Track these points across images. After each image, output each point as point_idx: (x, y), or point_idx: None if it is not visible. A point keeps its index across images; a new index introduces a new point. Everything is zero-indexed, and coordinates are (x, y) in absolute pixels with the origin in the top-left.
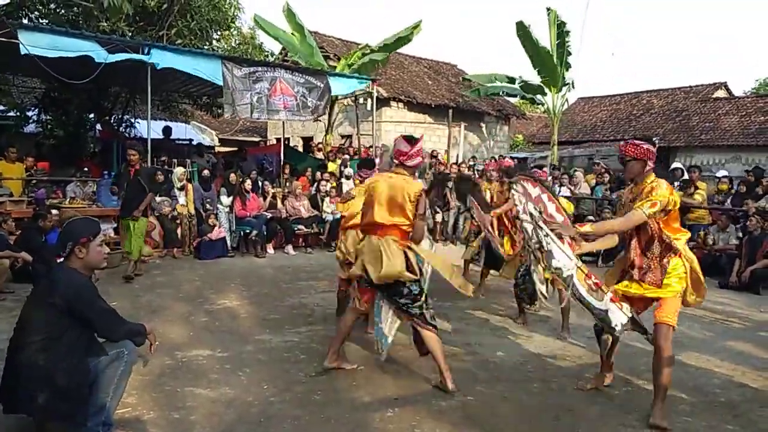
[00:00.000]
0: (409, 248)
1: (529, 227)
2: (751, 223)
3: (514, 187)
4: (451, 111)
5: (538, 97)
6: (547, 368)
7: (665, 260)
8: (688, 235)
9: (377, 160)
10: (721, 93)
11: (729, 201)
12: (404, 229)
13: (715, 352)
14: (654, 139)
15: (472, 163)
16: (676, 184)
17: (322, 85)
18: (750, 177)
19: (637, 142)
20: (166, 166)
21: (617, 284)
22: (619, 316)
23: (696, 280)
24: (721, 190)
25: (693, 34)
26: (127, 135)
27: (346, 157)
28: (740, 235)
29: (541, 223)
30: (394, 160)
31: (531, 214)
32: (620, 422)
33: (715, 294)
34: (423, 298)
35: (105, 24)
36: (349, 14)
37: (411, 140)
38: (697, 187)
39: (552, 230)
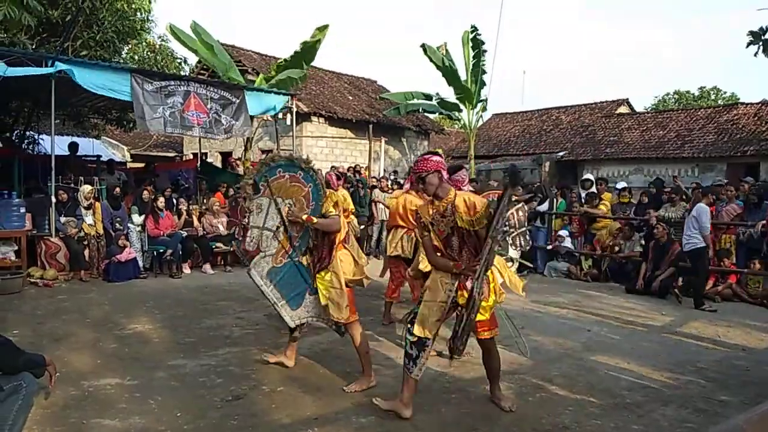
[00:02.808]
0: None
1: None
2: (658, 231)
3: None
4: (371, 126)
5: (455, 113)
6: (466, 378)
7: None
8: None
9: None
10: (623, 109)
11: (632, 211)
12: None
13: (622, 354)
14: (562, 153)
15: (393, 177)
16: (583, 194)
17: (237, 101)
18: (651, 188)
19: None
20: (71, 184)
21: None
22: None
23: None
24: (622, 201)
25: (597, 53)
26: (30, 152)
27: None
28: (643, 242)
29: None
30: None
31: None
32: (533, 427)
33: (621, 299)
34: None
35: (4, 35)
36: (271, 29)
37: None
38: (602, 199)
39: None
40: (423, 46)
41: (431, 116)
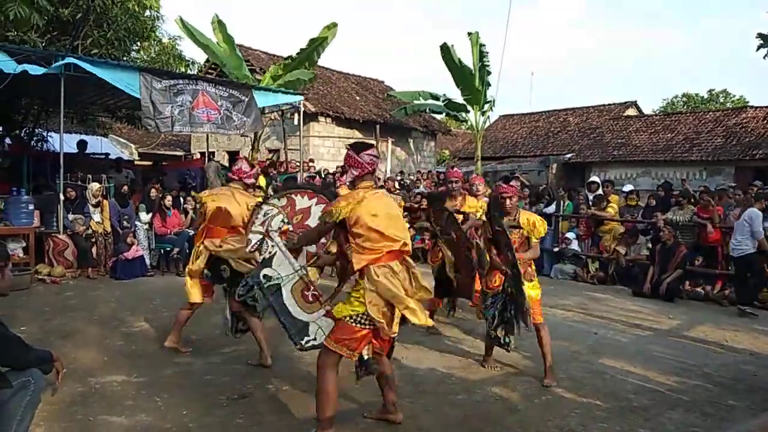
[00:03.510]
0: None
1: (255, 238)
2: (665, 234)
3: (269, 201)
4: (378, 126)
5: (462, 114)
6: (471, 379)
7: (352, 278)
8: (374, 256)
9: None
10: (631, 111)
11: (640, 214)
12: None
13: (628, 358)
14: (569, 155)
15: (399, 177)
16: (590, 196)
17: (246, 99)
18: (659, 191)
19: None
20: (80, 182)
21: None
22: (321, 333)
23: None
24: (630, 204)
25: (605, 55)
26: (39, 149)
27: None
28: (650, 246)
29: (272, 236)
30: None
31: (267, 229)
32: (539, 430)
33: (628, 302)
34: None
35: (14, 33)
36: (276, 29)
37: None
38: (609, 201)
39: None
40: (443, 46)
41: (438, 117)
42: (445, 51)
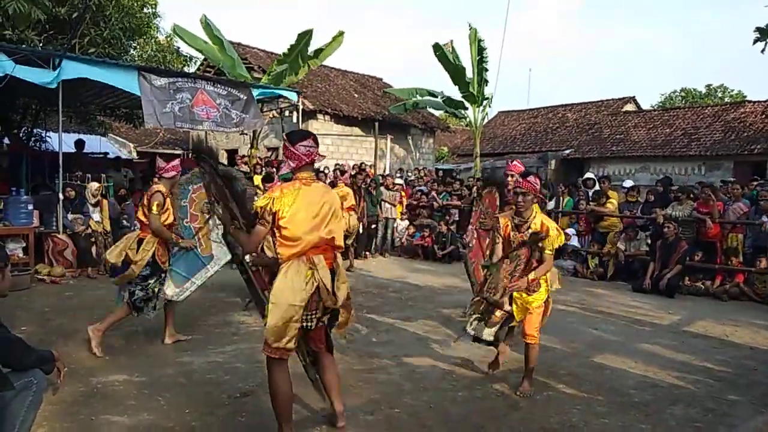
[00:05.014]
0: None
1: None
2: (669, 230)
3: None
4: (377, 123)
5: (460, 111)
6: (472, 376)
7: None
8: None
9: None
10: (630, 107)
11: (639, 210)
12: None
13: (629, 353)
14: (568, 150)
15: (399, 174)
16: (590, 193)
17: (245, 97)
18: (659, 187)
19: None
20: (78, 181)
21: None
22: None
23: None
24: (630, 200)
25: (603, 50)
26: (37, 149)
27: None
28: (649, 241)
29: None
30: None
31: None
32: (542, 426)
33: (628, 297)
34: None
35: (11, 32)
36: (278, 27)
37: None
38: (608, 197)
39: None
40: (435, 45)
41: (437, 113)
42: (438, 50)
